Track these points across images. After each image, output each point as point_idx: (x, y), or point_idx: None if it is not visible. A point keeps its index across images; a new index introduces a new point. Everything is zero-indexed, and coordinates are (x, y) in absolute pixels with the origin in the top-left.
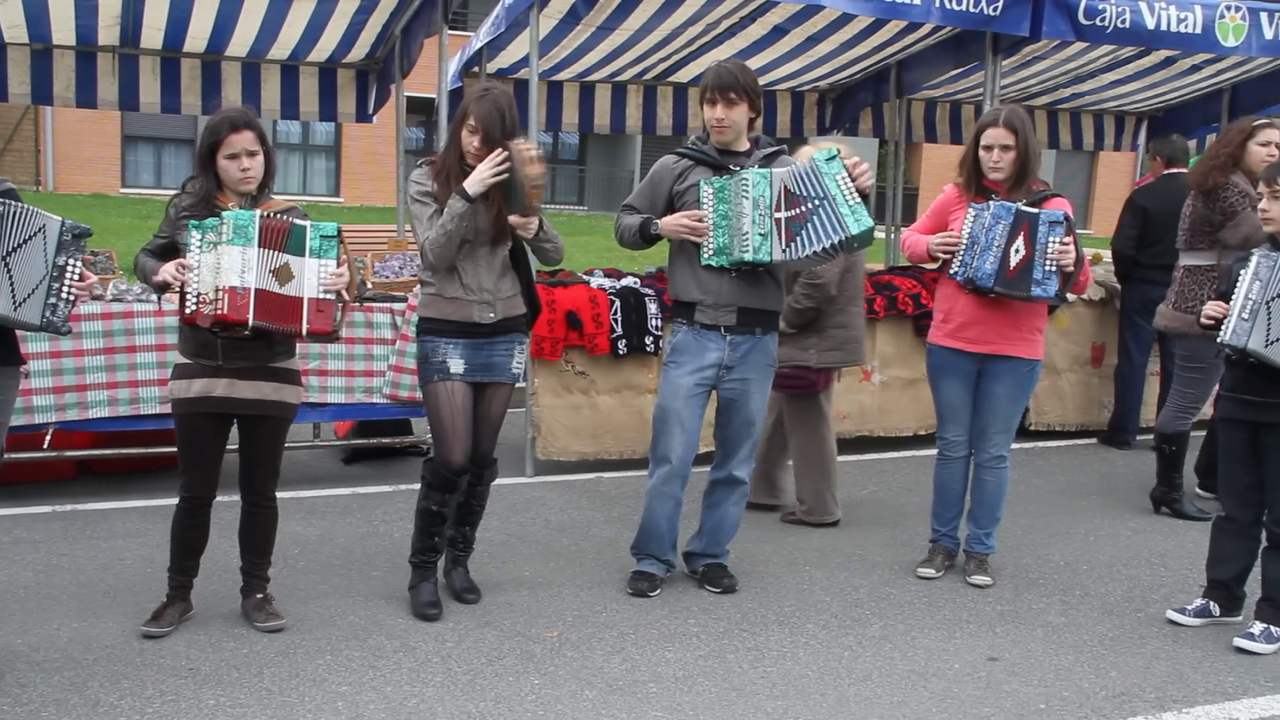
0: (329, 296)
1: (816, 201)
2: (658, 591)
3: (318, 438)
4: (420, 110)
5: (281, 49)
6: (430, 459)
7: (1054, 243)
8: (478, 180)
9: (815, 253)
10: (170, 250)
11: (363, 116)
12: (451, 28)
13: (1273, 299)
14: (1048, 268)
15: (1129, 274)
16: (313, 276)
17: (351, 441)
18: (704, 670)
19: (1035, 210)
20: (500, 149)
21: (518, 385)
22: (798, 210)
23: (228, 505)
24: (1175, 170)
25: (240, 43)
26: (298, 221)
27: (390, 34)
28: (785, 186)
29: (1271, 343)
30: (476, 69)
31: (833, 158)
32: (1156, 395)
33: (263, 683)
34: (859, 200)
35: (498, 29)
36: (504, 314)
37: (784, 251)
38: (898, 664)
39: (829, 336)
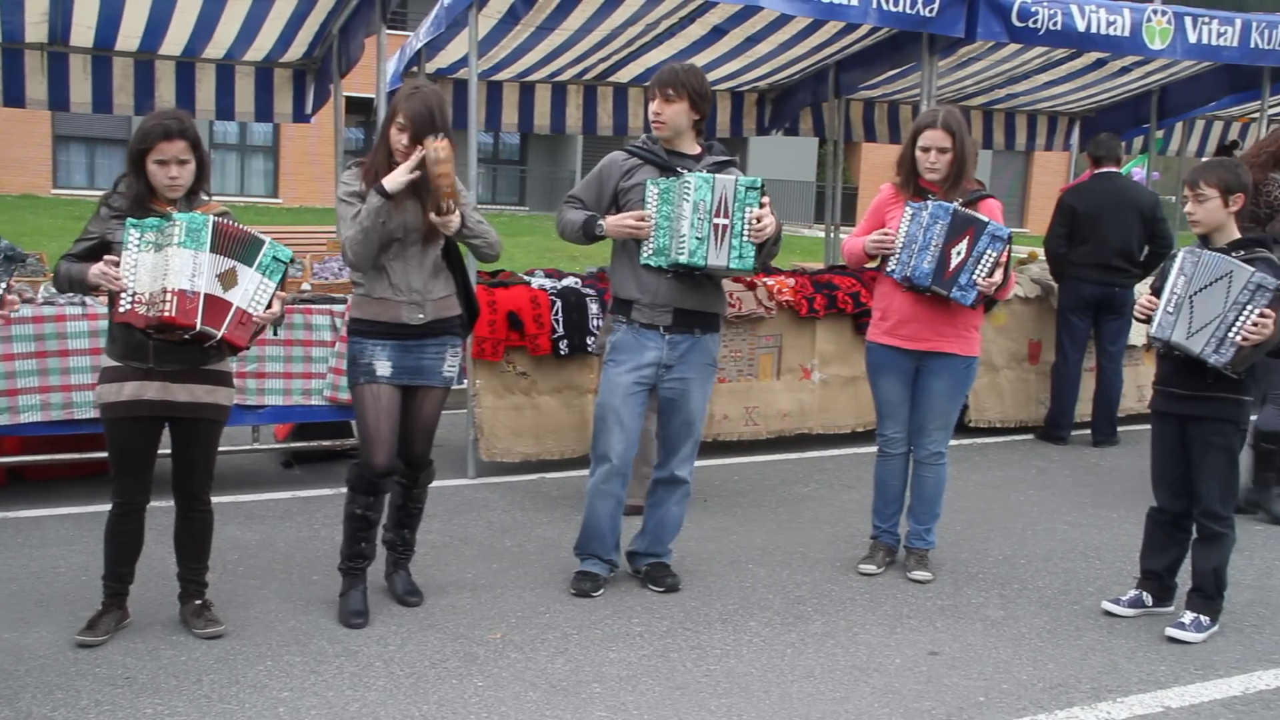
0: (255, 312)
1: (725, 223)
2: (601, 591)
3: (256, 441)
4: (359, 110)
5: (217, 48)
6: (355, 462)
7: (990, 256)
8: (395, 178)
9: (722, 266)
10: (100, 250)
11: (300, 117)
12: (390, 27)
13: (1195, 293)
14: (974, 276)
15: (1062, 273)
16: (250, 289)
17: (291, 445)
18: (648, 669)
19: (984, 219)
20: (420, 148)
21: (459, 387)
22: (721, 223)
23: (165, 511)
24: (1105, 170)
25: (174, 42)
26: (259, 234)
27: (328, 33)
28: (723, 196)
29: (1192, 334)
30: (416, 69)
31: (753, 188)
32: (1092, 391)
33: (202, 690)
34: (750, 241)
35: (437, 29)
36: (434, 315)
37: (719, 256)
38: (840, 660)
39: None
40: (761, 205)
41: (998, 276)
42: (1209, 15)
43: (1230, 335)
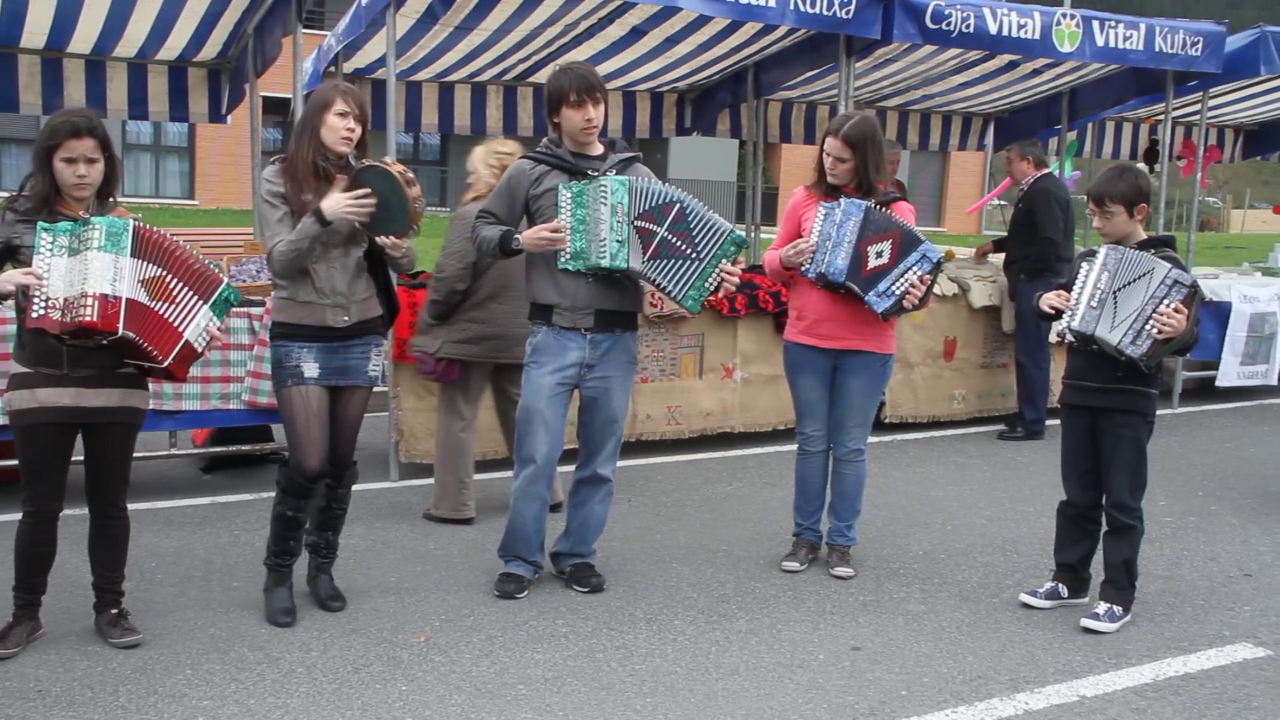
0: (199, 348)
1: (696, 258)
2: (525, 593)
3: (174, 446)
4: (277, 110)
5: (128, 47)
6: (285, 464)
7: (915, 274)
8: (338, 209)
9: (662, 286)
10: (3, 255)
11: (216, 117)
12: (307, 27)
13: (1119, 289)
14: (895, 288)
15: (1045, 269)
16: (201, 323)
17: (209, 449)
18: (573, 670)
19: (922, 236)
20: (366, 173)
21: (380, 389)
22: (682, 245)
23: (78, 519)
24: (1047, 170)
25: (83, 39)
26: (220, 275)
27: (243, 32)
28: (682, 211)
29: (1114, 329)
30: (334, 69)
31: (739, 244)
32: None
33: (119, 701)
34: (712, 288)
35: (355, 29)
36: (359, 316)
37: (644, 263)
38: (764, 657)
39: (460, 329)
40: (735, 262)
41: (919, 294)
42: (1115, 19)
43: (1146, 328)
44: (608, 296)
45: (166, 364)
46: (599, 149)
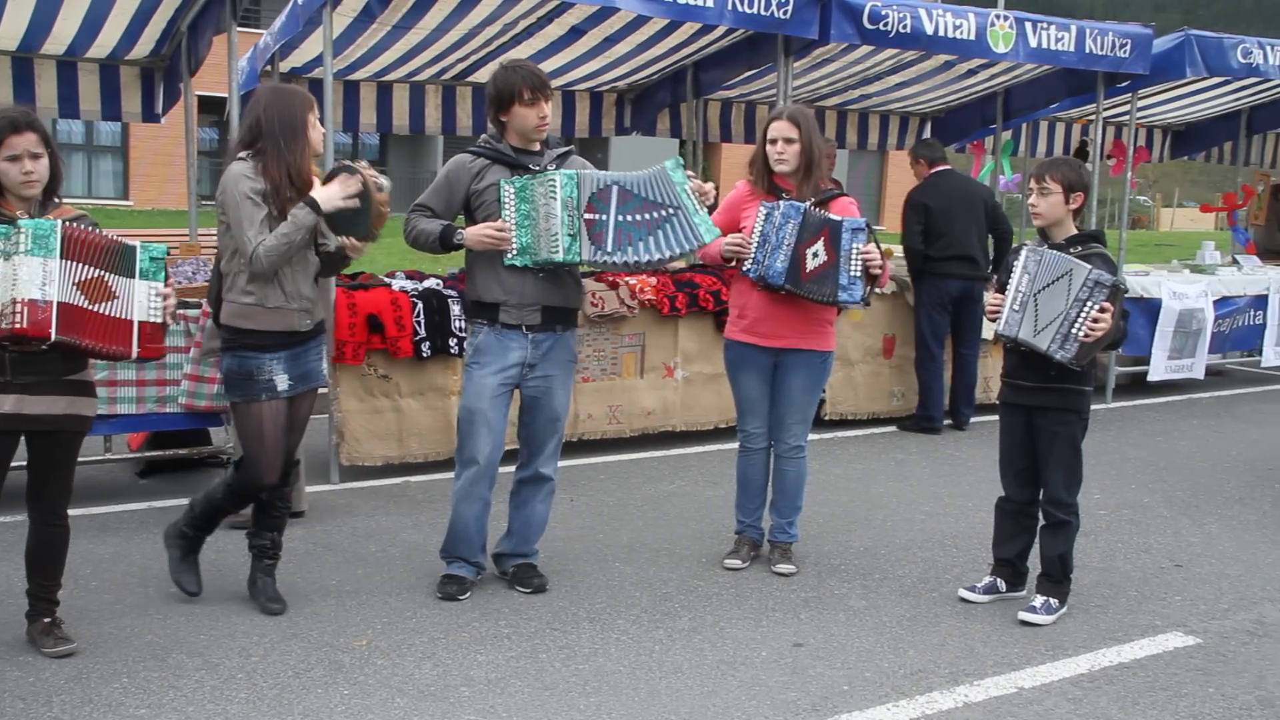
0: (158, 320)
1: (671, 210)
2: (468, 594)
3: (109, 451)
4: (213, 110)
5: (56, 44)
6: (241, 470)
7: (858, 248)
8: (330, 198)
9: (663, 258)
10: None
11: (150, 116)
12: (242, 25)
13: (1039, 291)
14: (853, 273)
15: (922, 270)
16: (143, 299)
17: (145, 454)
18: (516, 671)
19: (838, 218)
20: (351, 174)
21: (321, 391)
22: (650, 215)
23: (7, 526)
24: (943, 168)
25: (9, 36)
26: (126, 241)
27: (176, 30)
28: (623, 190)
29: (1039, 331)
30: (270, 68)
31: (680, 166)
32: (950, 381)
33: (51, 712)
34: (706, 210)
35: (292, 27)
36: (317, 318)
37: (595, 252)
38: (707, 655)
39: None
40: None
41: (875, 259)
42: (1047, 21)
43: (1073, 331)
44: (553, 292)
45: (135, 355)
46: (538, 145)
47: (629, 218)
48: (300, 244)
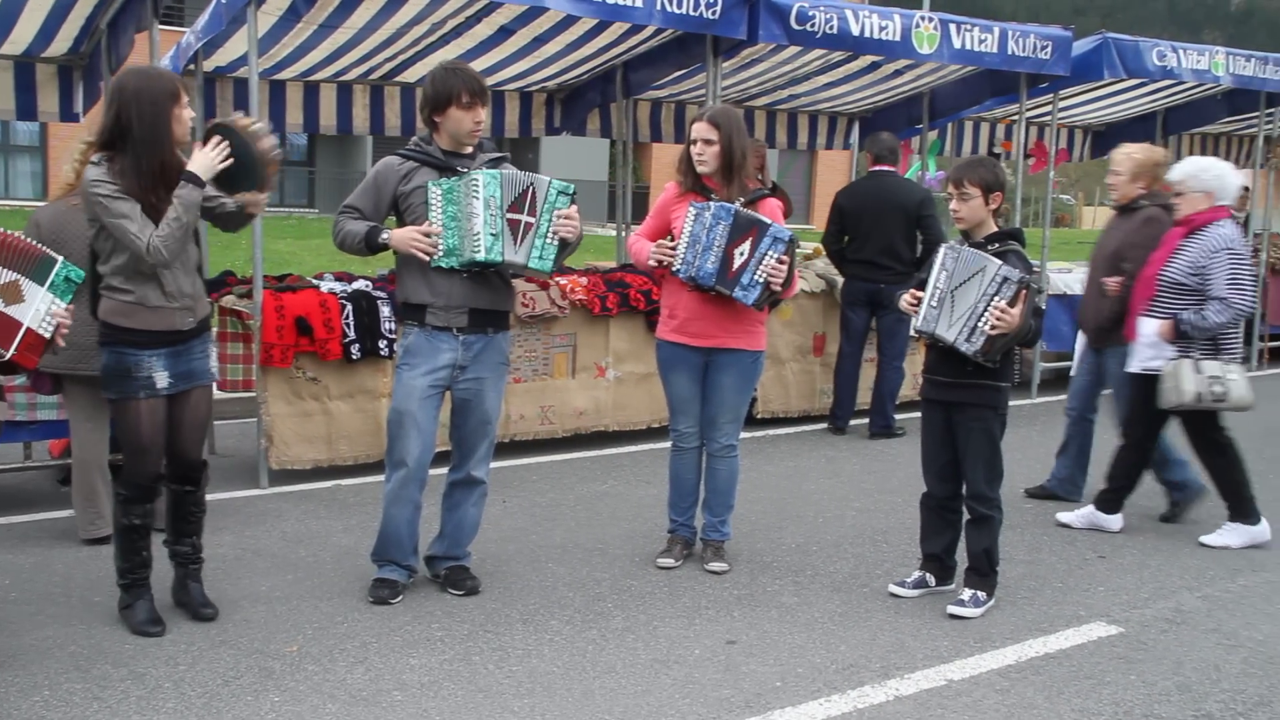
0: (46, 334)
1: (536, 221)
2: (400, 598)
3: (29, 458)
4: None
5: None
6: (122, 475)
7: (772, 258)
8: (208, 166)
9: (523, 266)
10: None
11: (68, 115)
12: (164, 23)
13: (956, 288)
14: (756, 277)
15: (840, 270)
16: (42, 308)
17: (67, 461)
18: (449, 674)
19: (767, 221)
20: (215, 132)
21: (248, 395)
22: (531, 219)
23: None
24: (881, 168)
25: None
26: (51, 253)
27: (95, 28)
28: (531, 191)
29: (951, 326)
30: (193, 67)
31: (565, 192)
32: (873, 381)
33: None
34: (554, 242)
35: (215, 26)
36: (200, 316)
37: (516, 252)
38: (640, 654)
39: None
40: (570, 207)
41: (781, 276)
42: (971, 23)
43: (980, 325)
44: (481, 295)
45: (9, 355)
46: (469, 148)
47: (528, 218)
48: (193, 224)
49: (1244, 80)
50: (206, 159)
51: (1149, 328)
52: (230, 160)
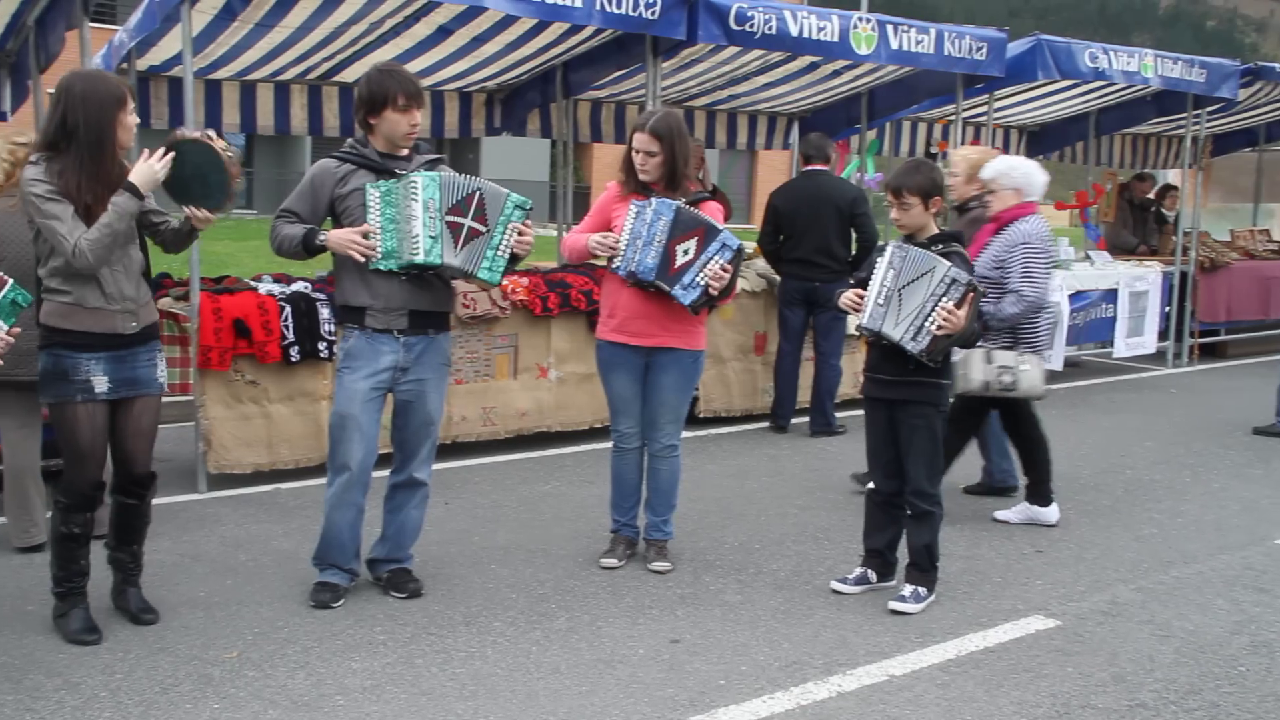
0: None
1: (487, 230)
2: (341, 601)
3: None
4: None
5: None
6: (62, 482)
7: (717, 262)
8: (149, 178)
9: (463, 271)
10: None
11: None
12: (95, 20)
13: (903, 286)
14: (698, 279)
15: (776, 269)
16: None
17: None
18: (392, 678)
19: (719, 226)
20: (175, 147)
21: (186, 398)
22: (478, 226)
23: None
24: (813, 168)
25: None
26: (11, 281)
27: (22, 24)
28: (479, 197)
29: (897, 325)
30: (126, 65)
31: (521, 207)
32: (812, 379)
33: None
34: (505, 255)
35: (148, 24)
36: (145, 321)
37: (456, 255)
38: (584, 654)
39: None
40: (525, 224)
41: (722, 283)
42: (908, 24)
43: (926, 325)
44: (420, 297)
45: None
46: (405, 150)
47: (473, 223)
48: (125, 232)
49: (1171, 82)
50: (149, 171)
51: None
52: (167, 172)
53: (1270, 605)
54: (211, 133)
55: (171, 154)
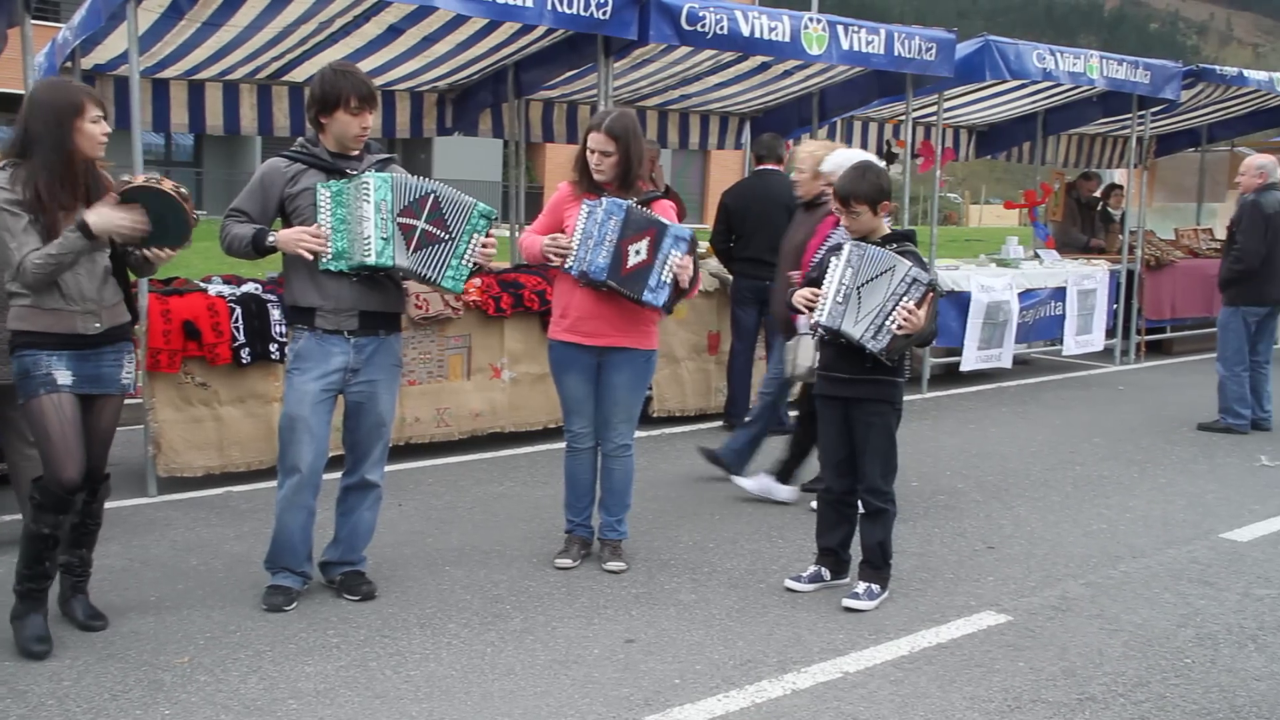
0: None
1: (448, 239)
2: (294, 605)
3: None
4: (8, 107)
5: None
6: (39, 479)
7: (676, 257)
8: (109, 225)
9: (419, 275)
10: None
11: None
12: (36, 18)
13: (862, 285)
14: (664, 277)
15: (728, 268)
16: None
17: None
18: (345, 681)
19: (666, 221)
20: (138, 198)
21: (135, 401)
22: (436, 231)
23: None
24: (765, 167)
25: None
26: None
27: None
28: (434, 200)
29: (857, 324)
30: (70, 64)
31: (487, 217)
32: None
33: None
34: (470, 264)
35: (93, 22)
36: (110, 323)
37: (408, 258)
38: (539, 655)
39: None
40: (488, 234)
41: (688, 273)
42: (858, 24)
43: (887, 324)
44: (371, 297)
45: None
46: (356, 150)
47: (429, 227)
48: (70, 265)
49: (1117, 83)
50: (110, 218)
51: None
52: (145, 229)
53: (1215, 598)
54: (158, 176)
55: (143, 221)
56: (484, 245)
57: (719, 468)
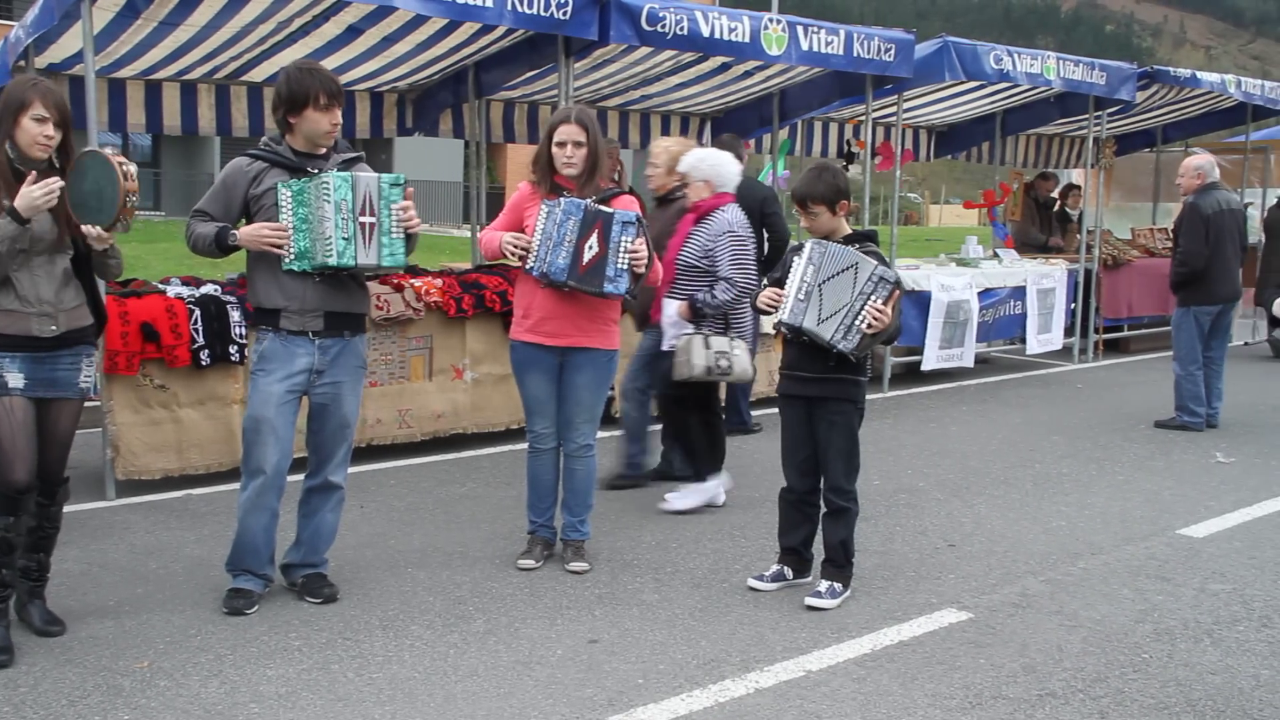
0: None
1: (376, 220)
2: (255, 608)
3: None
4: None
5: None
6: None
7: (626, 242)
8: (30, 203)
9: (376, 268)
10: None
11: None
12: None
13: (824, 281)
14: (619, 265)
15: None
16: None
17: None
18: (308, 684)
19: (609, 210)
20: (77, 165)
21: (93, 404)
22: (371, 219)
23: None
24: None
25: None
26: None
27: None
28: (367, 194)
29: (823, 321)
30: (24, 63)
31: (396, 184)
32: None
33: None
34: (400, 236)
35: (47, 21)
36: (67, 326)
37: (368, 255)
38: (502, 656)
39: None
40: (406, 199)
41: (642, 258)
42: (818, 25)
43: (856, 323)
44: (335, 298)
45: None
46: (323, 149)
47: (364, 220)
48: (10, 254)
49: (1073, 84)
50: (29, 196)
51: (671, 308)
52: (55, 191)
53: (1172, 594)
54: (113, 147)
55: (55, 179)
56: (403, 210)
57: (643, 483)
